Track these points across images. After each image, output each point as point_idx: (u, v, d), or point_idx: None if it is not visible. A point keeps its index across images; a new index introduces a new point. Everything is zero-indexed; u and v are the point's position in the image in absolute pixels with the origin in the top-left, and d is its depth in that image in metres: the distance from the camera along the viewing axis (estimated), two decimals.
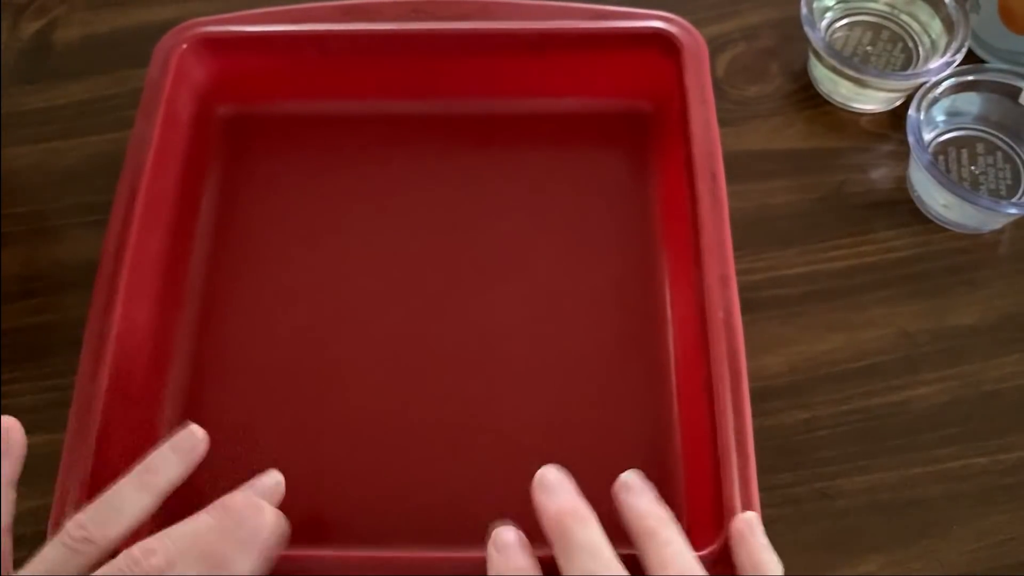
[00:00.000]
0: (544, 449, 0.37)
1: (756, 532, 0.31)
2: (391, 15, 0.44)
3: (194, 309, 0.40)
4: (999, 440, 0.38)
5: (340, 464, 0.37)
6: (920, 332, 0.40)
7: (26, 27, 0.51)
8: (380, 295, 0.41)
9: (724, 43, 0.49)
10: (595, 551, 0.29)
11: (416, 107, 0.45)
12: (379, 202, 0.43)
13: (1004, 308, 0.41)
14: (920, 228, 0.43)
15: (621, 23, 0.43)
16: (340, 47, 0.44)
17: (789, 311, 0.41)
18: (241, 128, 0.45)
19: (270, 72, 0.44)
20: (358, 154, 0.44)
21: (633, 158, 0.44)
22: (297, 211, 0.43)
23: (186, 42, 0.43)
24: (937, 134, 0.44)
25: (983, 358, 0.40)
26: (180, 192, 0.41)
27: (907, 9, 0.47)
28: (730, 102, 0.47)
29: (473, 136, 0.44)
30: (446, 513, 0.36)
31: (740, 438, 0.33)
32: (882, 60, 0.46)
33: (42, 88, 0.48)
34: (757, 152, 0.45)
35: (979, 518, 0.37)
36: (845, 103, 0.46)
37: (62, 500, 0.33)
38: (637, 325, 0.40)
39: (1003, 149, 0.44)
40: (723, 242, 0.37)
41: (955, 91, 0.43)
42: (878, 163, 0.45)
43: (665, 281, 0.40)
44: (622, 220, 0.42)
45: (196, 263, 0.41)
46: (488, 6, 0.44)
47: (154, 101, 0.41)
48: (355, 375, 0.39)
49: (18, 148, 0.46)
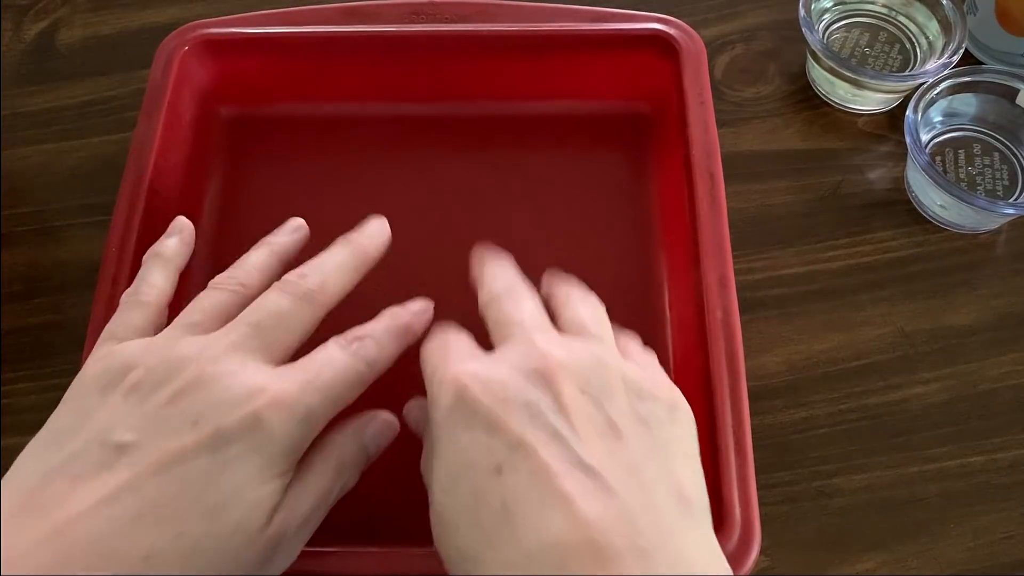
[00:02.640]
0: None
1: None
2: (392, 17, 0.44)
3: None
4: (996, 439, 0.38)
5: None
6: (917, 332, 0.41)
7: (29, 28, 0.51)
8: (380, 295, 0.41)
9: (722, 45, 0.49)
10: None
11: (416, 109, 0.45)
12: (380, 204, 0.43)
13: (1001, 308, 0.41)
14: (917, 228, 0.43)
15: (620, 25, 0.43)
16: (341, 49, 0.44)
17: (787, 311, 0.41)
18: (243, 130, 0.45)
19: (272, 74, 0.44)
20: (359, 156, 0.44)
21: (632, 159, 0.44)
22: (298, 212, 0.43)
23: (188, 44, 0.43)
24: (934, 135, 0.44)
25: (980, 357, 0.40)
26: (182, 193, 0.42)
27: (904, 11, 0.47)
28: (728, 103, 0.47)
29: (473, 138, 0.45)
30: None
31: (738, 437, 0.34)
32: (880, 61, 0.46)
33: (45, 89, 0.48)
34: (755, 153, 0.45)
35: (976, 516, 0.37)
36: (843, 104, 0.46)
37: None
38: (636, 325, 0.40)
39: (1000, 150, 0.44)
40: (722, 243, 0.37)
41: (952, 92, 0.43)
42: (876, 164, 0.45)
43: (664, 281, 0.40)
44: (621, 221, 0.42)
45: (198, 264, 0.41)
46: (488, 8, 0.44)
47: (156, 102, 0.41)
48: None
49: (21, 149, 0.46)
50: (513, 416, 0.26)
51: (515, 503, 0.25)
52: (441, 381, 0.28)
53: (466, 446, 0.26)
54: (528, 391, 0.27)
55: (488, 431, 0.26)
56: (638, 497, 0.25)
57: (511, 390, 0.27)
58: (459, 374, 0.27)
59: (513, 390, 0.27)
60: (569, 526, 0.24)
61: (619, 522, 0.24)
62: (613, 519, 0.24)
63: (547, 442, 0.25)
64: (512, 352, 0.28)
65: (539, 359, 0.27)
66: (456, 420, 0.27)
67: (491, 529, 0.25)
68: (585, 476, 0.25)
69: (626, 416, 0.27)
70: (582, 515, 0.24)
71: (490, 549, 0.25)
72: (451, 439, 0.27)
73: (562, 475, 0.25)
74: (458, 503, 0.26)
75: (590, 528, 0.24)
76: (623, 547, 0.24)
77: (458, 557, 0.26)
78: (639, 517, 0.24)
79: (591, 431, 0.26)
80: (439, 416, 0.28)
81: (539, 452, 0.25)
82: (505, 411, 0.26)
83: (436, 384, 0.28)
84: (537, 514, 0.24)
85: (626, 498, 0.25)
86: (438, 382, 0.28)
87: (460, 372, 0.28)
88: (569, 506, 0.24)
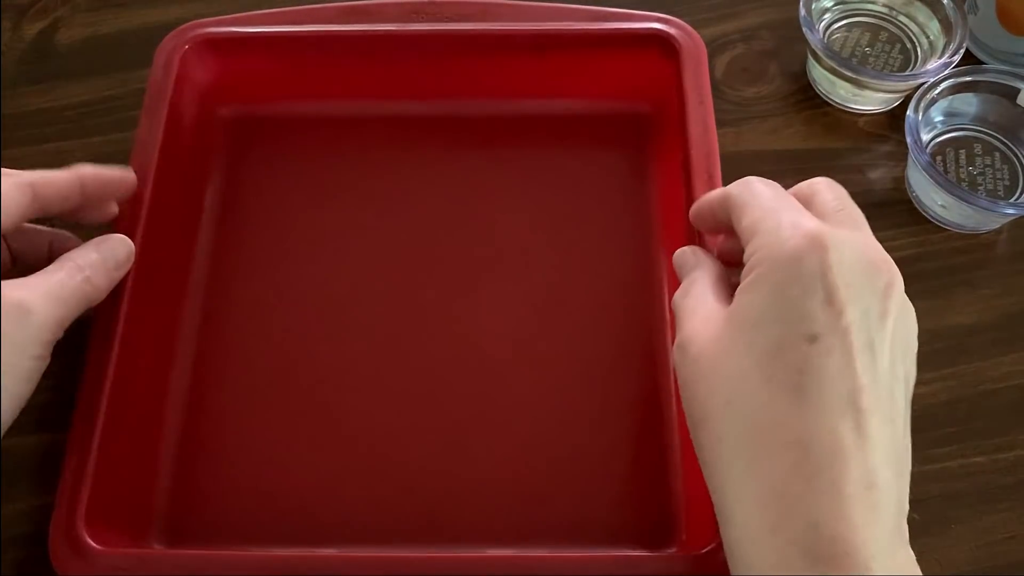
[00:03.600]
0: (543, 448, 0.37)
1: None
2: (392, 16, 0.44)
3: (197, 309, 0.40)
4: (998, 439, 0.38)
5: (340, 464, 0.37)
6: (919, 332, 0.40)
7: (28, 28, 0.51)
8: (381, 295, 0.41)
9: (723, 44, 0.49)
10: None
11: (416, 108, 0.45)
12: (380, 203, 0.43)
13: (1002, 308, 0.41)
14: (918, 228, 0.43)
15: (620, 25, 0.43)
16: (342, 48, 0.44)
17: None
18: (243, 129, 0.45)
19: (272, 73, 0.44)
20: (359, 155, 0.44)
21: (632, 159, 0.44)
22: (299, 212, 0.43)
23: (189, 43, 0.43)
24: (935, 135, 0.44)
25: (981, 358, 0.40)
26: (183, 193, 0.42)
27: (905, 10, 0.47)
28: (729, 103, 0.47)
29: (473, 137, 0.45)
30: (447, 512, 0.36)
31: None
32: (880, 61, 0.46)
33: (44, 89, 0.48)
34: (756, 153, 0.45)
35: (978, 517, 0.37)
36: (843, 104, 0.46)
37: (63, 500, 0.33)
38: (636, 325, 0.40)
39: (1001, 150, 0.44)
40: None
41: (953, 92, 0.43)
42: (876, 164, 0.45)
43: (664, 281, 0.40)
44: (621, 221, 0.42)
45: (199, 264, 0.41)
46: (488, 7, 0.44)
47: (157, 102, 0.41)
48: (356, 374, 0.39)
49: (20, 149, 0.46)
50: (850, 306, 0.27)
51: (813, 375, 0.26)
52: (795, 227, 0.28)
53: (793, 301, 0.27)
54: (867, 286, 0.28)
55: (823, 302, 0.27)
56: (899, 426, 0.28)
57: (859, 276, 0.28)
58: (824, 235, 0.28)
59: (860, 278, 0.28)
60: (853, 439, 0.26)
61: (889, 455, 0.27)
62: (884, 451, 0.26)
63: (862, 349, 0.27)
64: (849, 233, 0.29)
65: (878, 250, 0.29)
66: (796, 270, 0.28)
67: (775, 380, 0.27)
68: (872, 401, 0.27)
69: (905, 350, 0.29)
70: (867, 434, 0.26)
71: (765, 394, 0.27)
72: (779, 286, 0.28)
73: (863, 389, 0.26)
74: (756, 340, 0.27)
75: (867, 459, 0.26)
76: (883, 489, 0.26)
77: (716, 380, 0.28)
78: (902, 455, 0.28)
79: (888, 354, 0.28)
80: (777, 256, 0.28)
81: (855, 356, 0.27)
82: (848, 296, 0.27)
83: (785, 227, 0.29)
84: (827, 405, 0.26)
85: (898, 428, 0.28)
86: (790, 225, 0.29)
87: (825, 233, 0.28)
88: (858, 419, 0.26)
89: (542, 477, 0.36)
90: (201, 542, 0.35)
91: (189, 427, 0.38)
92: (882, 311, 0.28)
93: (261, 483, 0.37)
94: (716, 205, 0.33)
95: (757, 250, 0.29)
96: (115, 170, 0.37)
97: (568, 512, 0.36)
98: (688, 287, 0.32)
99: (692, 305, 0.31)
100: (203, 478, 0.37)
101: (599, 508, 0.36)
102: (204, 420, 0.38)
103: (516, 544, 0.35)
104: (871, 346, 0.27)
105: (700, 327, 0.30)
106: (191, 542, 0.35)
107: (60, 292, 0.33)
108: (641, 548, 0.35)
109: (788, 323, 0.27)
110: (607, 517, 0.36)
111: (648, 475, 0.36)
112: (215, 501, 0.36)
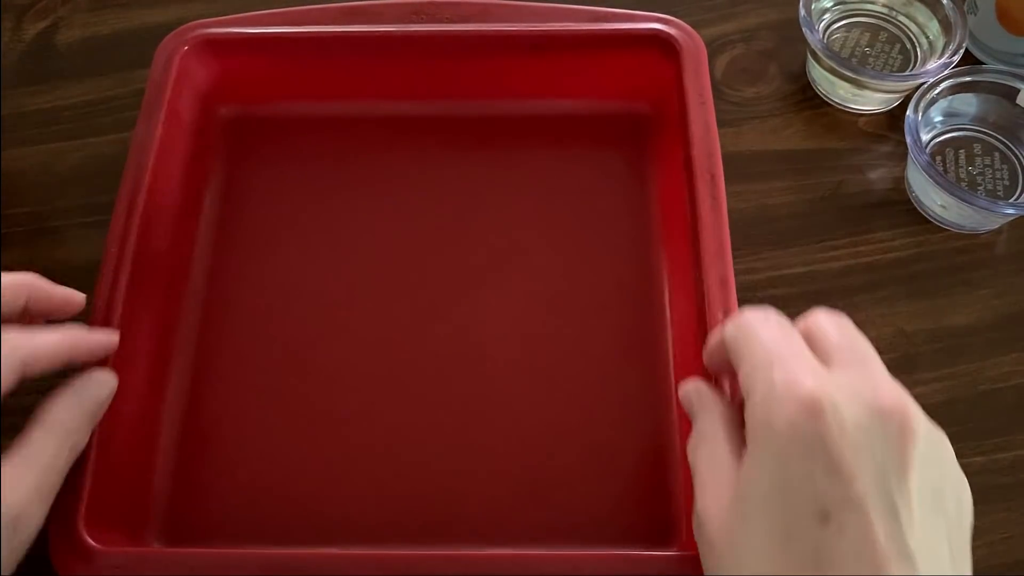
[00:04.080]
0: (543, 448, 0.37)
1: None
2: (392, 17, 0.44)
3: (195, 309, 0.40)
4: (996, 439, 0.38)
5: (340, 463, 0.37)
6: (918, 332, 0.41)
7: (28, 28, 0.51)
8: (381, 295, 0.41)
9: (723, 45, 0.49)
10: None
11: (416, 108, 0.45)
12: (380, 203, 0.43)
13: (1001, 308, 0.41)
14: (918, 228, 0.43)
15: (620, 25, 0.43)
16: (341, 49, 0.44)
17: (788, 311, 0.41)
18: (242, 129, 0.45)
19: (272, 73, 0.44)
20: (359, 155, 0.44)
21: (632, 159, 0.44)
22: (298, 212, 0.43)
23: (188, 44, 0.43)
24: (935, 135, 0.44)
25: (980, 358, 0.40)
26: (182, 193, 0.42)
27: (905, 11, 0.47)
28: (729, 103, 0.47)
29: (473, 137, 0.45)
30: (447, 512, 0.36)
31: None
32: (880, 61, 0.46)
33: (44, 89, 0.48)
34: (756, 153, 0.45)
35: (977, 517, 0.36)
36: (843, 104, 0.46)
37: (63, 500, 0.33)
38: (637, 325, 0.40)
39: (1000, 150, 0.44)
40: (722, 243, 0.37)
41: (953, 92, 0.43)
42: (876, 164, 0.45)
43: (664, 282, 0.40)
44: (622, 221, 0.42)
45: (198, 264, 0.41)
46: (488, 8, 0.44)
47: (156, 102, 0.41)
48: (355, 374, 0.39)
49: (20, 149, 0.46)
50: (860, 472, 0.24)
51: (830, 560, 0.24)
52: (788, 389, 0.26)
53: (795, 475, 0.25)
54: (878, 443, 0.25)
55: (828, 472, 0.25)
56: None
57: (864, 433, 0.25)
58: (817, 394, 0.25)
59: (868, 436, 0.25)
60: None
61: None
62: None
63: (883, 515, 0.24)
64: (855, 377, 0.26)
65: (887, 392, 0.26)
66: (794, 442, 0.25)
67: (792, 568, 0.24)
68: (905, 567, 0.24)
69: (940, 490, 0.26)
70: None
71: None
72: (779, 459, 0.25)
73: (889, 561, 0.24)
74: (764, 525, 0.25)
75: None
76: None
77: (733, 566, 0.26)
78: None
79: (918, 509, 0.25)
80: (772, 425, 0.26)
81: (874, 525, 0.24)
82: (857, 461, 0.24)
83: (779, 388, 0.26)
84: None
85: None
86: (783, 385, 0.26)
87: (818, 391, 0.25)
88: None
89: (542, 477, 0.36)
90: (200, 541, 0.35)
91: (188, 426, 0.38)
92: (901, 464, 0.25)
93: (260, 482, 0.37)
94: (721, 349, 0.31)
95: (752, 414, 0.27)
96: (103, 335, 0.34)
97: (568, 512, 0.36)
98: (699, 439, 0.30)
99: (704, 467, 0.29)
100: (202, 477, 0.37)
101: (599, 508, 0.36)
102: (203, 419, 0.38)
103: (516, 543, 0.35)
104: (893, 510, 0.24)
105: (712, 503, 0.28)
106: (190, 541, 0.35)
107: (50, 477, 0.31)
108: (641, 548, 0.35)
109: (795, 504, 0.25)
110: (607, 517, 0.36)
111: (648, 475, 0.36)
112: (214, 500, 0.36)
